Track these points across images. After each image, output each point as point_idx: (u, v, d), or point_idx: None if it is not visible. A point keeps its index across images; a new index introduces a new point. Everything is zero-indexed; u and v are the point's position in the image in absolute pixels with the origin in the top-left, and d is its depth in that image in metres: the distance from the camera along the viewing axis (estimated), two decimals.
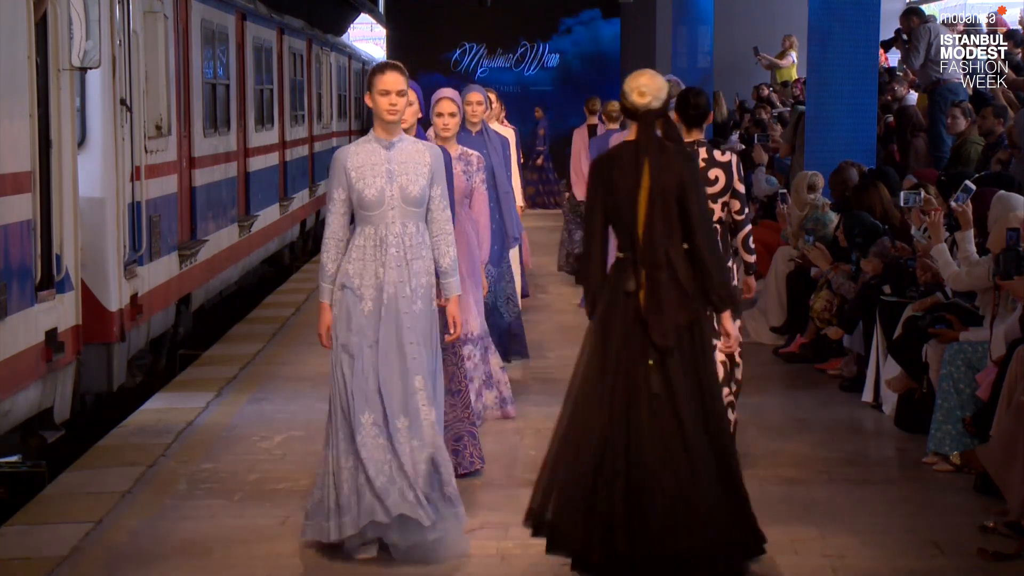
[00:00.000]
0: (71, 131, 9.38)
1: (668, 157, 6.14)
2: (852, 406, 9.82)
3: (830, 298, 10.86)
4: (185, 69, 13.47)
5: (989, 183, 9.34)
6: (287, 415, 9.72)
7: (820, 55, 13.82)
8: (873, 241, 10.36)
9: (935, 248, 8.84)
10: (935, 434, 8.16)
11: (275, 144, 19.50)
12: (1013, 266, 7.57)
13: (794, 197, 12.36)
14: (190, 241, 13.38)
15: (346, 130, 29.55)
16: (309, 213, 22.79)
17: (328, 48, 26.46)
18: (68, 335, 9.26)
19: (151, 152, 11.71)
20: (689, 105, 7.81)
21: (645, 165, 6.08)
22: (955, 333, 8.41)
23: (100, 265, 10.31)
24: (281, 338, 13.12)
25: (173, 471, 8.33)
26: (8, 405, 8.31)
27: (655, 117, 6.20)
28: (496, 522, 7.11)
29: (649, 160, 6.09)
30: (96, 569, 6.61)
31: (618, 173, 6.13)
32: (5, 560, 6.76)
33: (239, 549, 6.80)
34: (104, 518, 7.37)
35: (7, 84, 8.29)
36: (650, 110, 6.19)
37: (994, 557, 6.51)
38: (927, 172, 11.36)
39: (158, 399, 10.55)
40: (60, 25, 9.19)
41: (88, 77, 10.14)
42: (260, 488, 7.89)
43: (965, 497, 7.56)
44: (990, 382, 7.65)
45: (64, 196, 9.24)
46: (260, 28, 18.31)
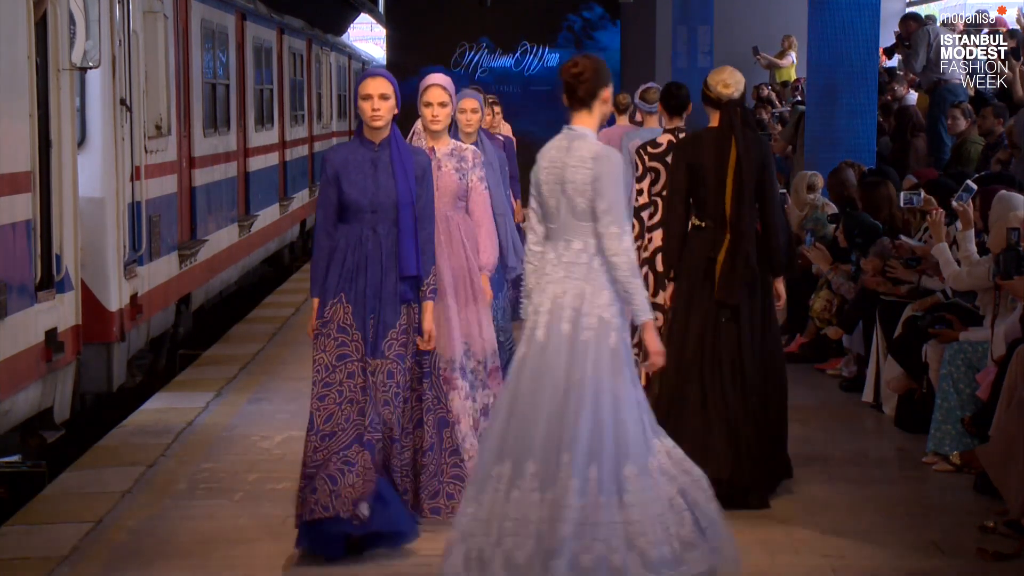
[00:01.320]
0: (71, 131, 9.37)
1: (749, 140, 7.31)
2: (852, 406, 9.82)
3: (830, 298, 10.86)
4: (185, 69, 13.46)
5: (989, 183, 9.33)
6: (287, 415, 9.71)
7: (820, 55, 13.82)
8: (873, 241, 10.36)
9: (936, 248, 8.83)
10: (935, 434, 8.16)
11: (275, 144, 19.50)
12: (1013, 266, 7.57)
13: (794, 197, 12.36)
14: (190, 241, 13.38)
15: (346, 130, 29.55)
16: (309, 213, 22.78)
17: (328, 48, 26.46)
18: (68, 335, 9.25)
19: (151, 152, 11.71)
20: (671, 96, 9.04)
21: (732, 146, 7.23)
22: (955, 333, 8.41)
23: (100, 265, 10.31)
24: (281, 338, 13.12)
25: (173, 471, 8.33)
26: (8, 405, 8.31)
27: (736, 106, 7.33)
28: None
29: (735, 141, 7.24)
30: (96, 569, 6.61)
31: (705, 153, 7.09)
32: (5, 560, 6.76)
33: (239, 549, 6.80)
34: (104, 518, 7.37)
35: (7, 84, 8.29)
36: (732, 100, 7.33)
37: (994, 557, 6.51)
38: (927, 172, 11.36)
39: (158, 399, 10.55)
40: (60, 25, 9.18)
41: (88, 77, 10.14)
42: (260, 488, 7.89)
43: (965, 497, 7.56)
44: (990, 382, 7.64)
45: (64, 196, 9.23)
46: (260, 28, 18.30)
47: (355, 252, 6.58)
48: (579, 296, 5.67)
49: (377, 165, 6.60)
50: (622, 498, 5.50)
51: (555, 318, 5.66)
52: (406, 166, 6.59)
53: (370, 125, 6.62)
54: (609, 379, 5.61)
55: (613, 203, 5.68)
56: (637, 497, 5.51)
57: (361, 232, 6.59)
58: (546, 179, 5.79)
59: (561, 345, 5.63)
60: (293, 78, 21.51)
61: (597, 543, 5.44)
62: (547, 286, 5.72)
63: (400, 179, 6.56)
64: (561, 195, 5.74)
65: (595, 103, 5.83)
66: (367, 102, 6.57)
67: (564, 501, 5.46)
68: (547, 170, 5.80)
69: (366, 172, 6.59)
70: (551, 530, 5.46)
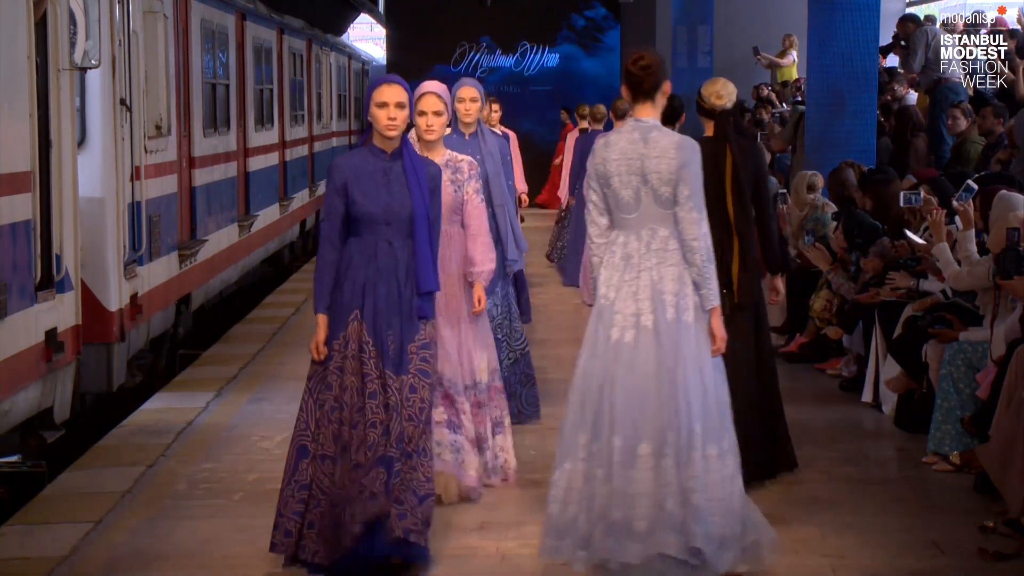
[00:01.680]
0: (71, 131, 9.37)
1: (744, 148, 7.54)
2: (852, 406, 9.82)
3: (830, 298, 10.86)
4: (185, 69, 13.47)
5: (990, 183, 9.34)
6: (287, 415, 9.68)
7: (820, 55, 13.82)
8: (873, 241, 10.36)
9: (936, 247, 8.84)
10: (935, 434, 8.16)
11: (275, 144, 19.51)
12: (1013, 266, 7.57)
13: (794, 197, 12.36)
14: (190, 241, 13.38)
15: (346, 130, 29.56)
16: (309, 213, 22.79)
17: (328, 48, 26.46)
18: (68, 335, 9.25)
19: (151, 152, 11.71)
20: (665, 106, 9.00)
21: (727, 153, 7.42)
22: (955, 333, 8.41)
23: (100, 265, 10.32)
24: (281, 338, 13.12)
25: (173, 471, 8.33)
26: (8, 405, 8.31)
27: (730, 115, 7.56)
28: (496, 522, 7.11)
29: (731, 149, 7.44)
30: (96, 569, 6.61)
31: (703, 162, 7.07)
32: (5, 560, 6.76)
33: (239, 549, 6.80)
34: (104, 518, 7.37)
35: (7, 84, 8.29)
36: (725, 110, 7.55)
37: (994, 557, 6.51)
38: (927, 172, 11.36)
39: (158, 399, 10.55)
40: (60, 25, 9.18)
41: (88, 77, 10.14)
42: (260, 488, 7.88)
43: (965, 497, 7.56)
44: (990, 382, 7.64)
45: (64, 196, 9.23)
46: (260, 28, 18.31)
47: (368, 266, 6.26)
48: (677, 280, 5.97)
49: (390, 176, 6.28)
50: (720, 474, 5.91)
51: (658, 303, 5.94)
52: (420, 177, 6.29)
53: (384, 134, 6.28)
54: (707, 359, 5.98)
55: (695, 190, 6.01)
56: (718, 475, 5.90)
57: (376, 245, 6.28)
58: (618, 171, 6.01)
59: (669, 328, 5.91)
60: (293, 78, 21.52)
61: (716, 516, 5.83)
62: (641, 273, 5.97)
63: (415, 191, 6.25)
64: (642, 185, 5.99)
65: (658, 95, 6.12)
66: (383, 110, 6.24)
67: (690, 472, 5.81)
68: (619, 162, 6.02)
69: (379, 182, 6.27)
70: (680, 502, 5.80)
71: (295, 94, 21.78)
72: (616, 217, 6.06)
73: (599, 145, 6.14)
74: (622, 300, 5.97)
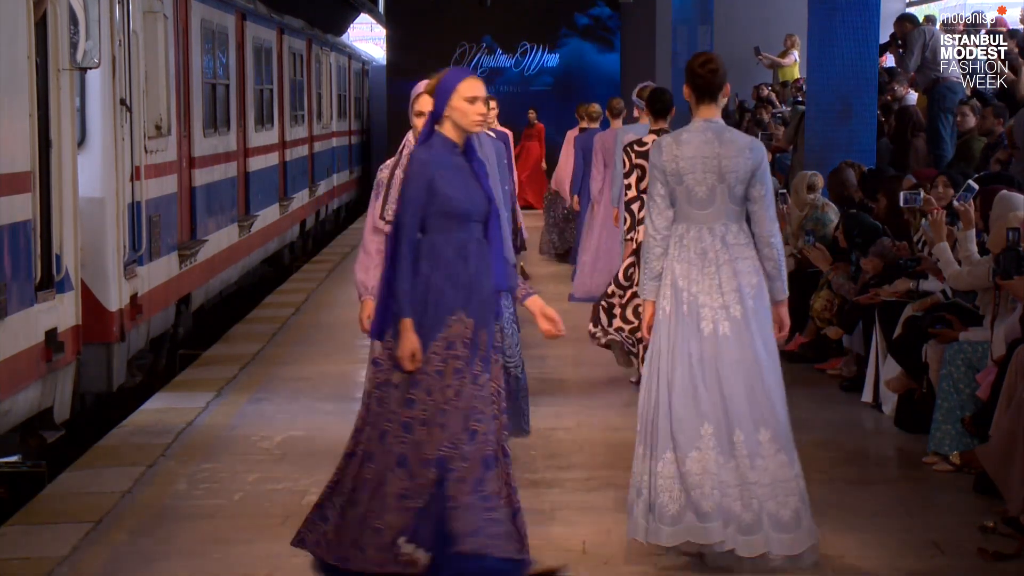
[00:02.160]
0: (71, 131, 9.38)
1: None
2: (852, 406, 9.82)
3: (830, 298, 10.85)
4: (185, 69, 13.47)
5: (990, 183, 9.33)
6: (287, 415, 9.72)
7: (820, 55, 13.81)
8: (873, 241, 10.36)
9: (936, 247, 8.83)
10: (935, 434, 8.16)
11: (275, 144, 19.52)
12: (1013, 266, 7.57)
13: (794, 197, 12.36)
14: (190, 241, 13.38)
15: (346, 130, 29.55)
16: (309, 213, 22.80)
17: (328, 48, 26.46)
18: (68, 335, 9.25)
19: (151, 152, 11.72)
20: (656, 100, 9.68)
21: None
22: (955, 333, 8.40)
23: (100, 265, 10.32)
24: (281, 338, 13.12)
25: (173, 471, 8.33)
26: (8, 405, 8.31)
27: None
28: None
29: None
30: (96, 569, 6.61)
31: None
32: (5, 560, 6.76)
33: (239, 549, 6.80)
34: (104, 518, 7.37)
35: (7, 84, 8.29)
36: None
37: (994, 557, 6.50)
38: (927, 172, 11.36)
39: (158, 399, 10.55)
40: (60, 25, 9.18)
41: (88, 77, 10.14)
42: (260, 488, 7.89)
43: (965, 497, 7.56)
44: (990, 382, 7.64)
45: (64, 196, 9.23)
46: (260, 28, 18.31)
47: (466, 263, 5.88)
48: (754, 272, 6.29)
49: (468, 171, 5.96)
50: None
51: (743, 295, 6.25)
52: (486, 173, 6.06)
53: (472, 129, 5.95)
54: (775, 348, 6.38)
55: (768, 188, 6.34)
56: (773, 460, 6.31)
57: (468, 241, 5.88)
58: (691, 168, 6.26)
59: (752, 318, 6.24)
60: (293, 78, 21.52)
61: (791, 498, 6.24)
62: (721, 267, 6.25)
63: (487, 186, 5.99)
64: (718, 183, 6.25)
65: (720, 96, 6.39)
66: (475, 104, 5.87)
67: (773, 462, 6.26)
68: (694, 160, 6.26)
69: (465, 177, 5.94)
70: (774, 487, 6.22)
71: (295, 94, 21.79)
72: (684, 211, 6.30)
73: (667, 142, 6.33)
74: (705, 293, 6.25)
